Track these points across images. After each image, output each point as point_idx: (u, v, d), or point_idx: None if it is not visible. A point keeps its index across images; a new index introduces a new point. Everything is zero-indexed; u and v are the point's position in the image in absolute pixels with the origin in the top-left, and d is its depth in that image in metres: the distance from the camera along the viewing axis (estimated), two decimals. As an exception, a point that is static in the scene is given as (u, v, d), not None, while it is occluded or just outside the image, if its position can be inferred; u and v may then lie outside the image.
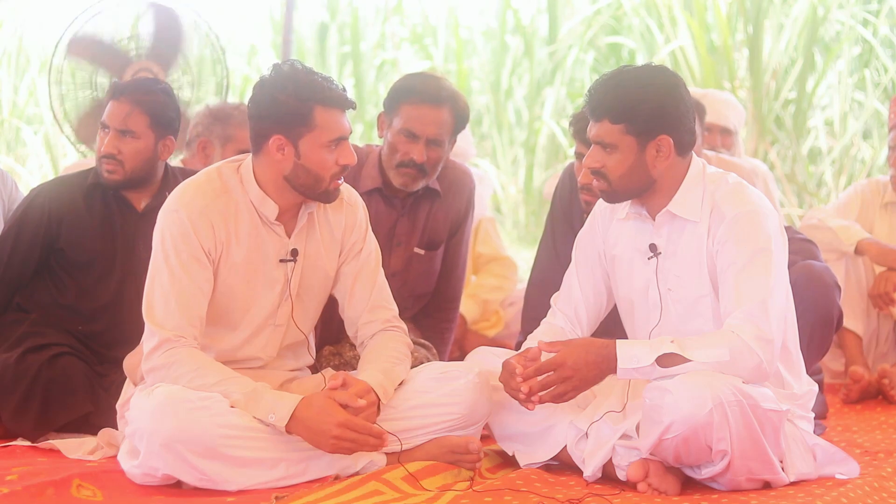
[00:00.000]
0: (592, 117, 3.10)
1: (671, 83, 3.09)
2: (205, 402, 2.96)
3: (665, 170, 3.09)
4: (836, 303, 3.80)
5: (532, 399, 3.01)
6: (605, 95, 3.07)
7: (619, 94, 3.05)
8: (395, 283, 3.85)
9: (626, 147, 3.07)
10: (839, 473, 3.16)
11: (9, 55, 9.57)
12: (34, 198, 3.81)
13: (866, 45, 8.73)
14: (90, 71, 5.10)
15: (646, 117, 3.04)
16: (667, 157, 3.08)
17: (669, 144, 3.07)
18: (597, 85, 3.10)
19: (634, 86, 3.05)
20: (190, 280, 3.10)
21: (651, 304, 3.17)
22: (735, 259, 3.02)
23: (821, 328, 3.70)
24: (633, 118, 3.04)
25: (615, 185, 3.11)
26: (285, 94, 3.07)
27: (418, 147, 3.78)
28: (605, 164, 3.09)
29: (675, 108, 3.07)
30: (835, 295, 3.80)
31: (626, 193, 3.13)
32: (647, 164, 3.08)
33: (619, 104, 3.05)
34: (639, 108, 3.03)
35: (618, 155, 3.07)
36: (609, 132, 3.07)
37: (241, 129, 4.43)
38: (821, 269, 3.80)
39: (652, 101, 3.04)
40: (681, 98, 3.08)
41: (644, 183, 3.10)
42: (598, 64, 9.61)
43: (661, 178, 3.11)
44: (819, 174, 8.59)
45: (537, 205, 9.33)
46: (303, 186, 3.13)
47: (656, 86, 3.06)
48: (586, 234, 3.34)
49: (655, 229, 3.16)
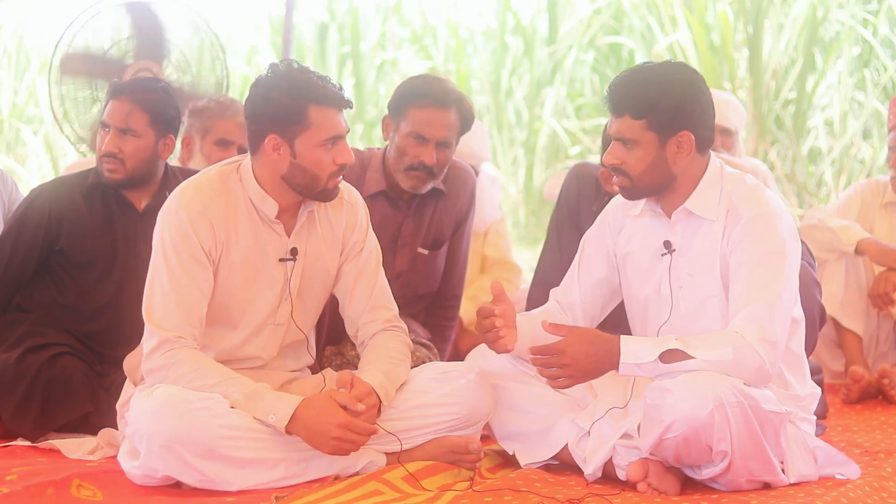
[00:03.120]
0: (613, 113, 3.09)
1: (692, 79, 3.08)
2: (205, 403, 2.96)
3: (685, 166, 3.09)
4: (816, 300, 3.79)
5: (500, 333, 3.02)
6: (627, 91, 3.06)
7: (641, 90, 3.04)
8: (400, 284, 3.86)
9: (647, 143, 3.06)
10: (839, 475, 3.15)
11: (9, 55, 9.57)
12: (34, 198, 3.81)
13: (866, 45, 8.73)
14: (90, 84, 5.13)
15: (667, 113, 3.03)
16: (687, 153, 3.07)
17: (690, 140, 3.06)
18: (618, 81, 3.09)
19: (656, 82, 3.05)
20: (190, 280, 3.10)
21: (662, 301, 3.17)
22: (747, 260, 3.02)
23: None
24: (655, 114, 3.03)
25: (636, 182, 3.10)
26: (279, 92, 3.07)
27: (428, 150, 3.78)
28: (625, 160, 3.08)
29: (697, 104, 3.07)
30: (814, 292, 3.79)
31: (647, 190, 3.12)
32: (667, 161, 3.07)
33: (640, 100, 3.04)
34: (660, 103, 3.03)
35: (639, 151, 3.07)
36: (630, 128, 3.06)
37: (219, 120, 4.47)
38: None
39: (673, 97, 3.03)
40: (702, 94, 3.08)
41: (664, 179, 3.10)
42: (597, 64, 9.61)
43: (681, 175, 3.10)
44: (819, 174, 8.59)
45: (537, 205, 9.33)
46: (300, 186, 3.13)
47: (678, 82, 3.06)
48: (595, 232, 3.33)
49: (671, 226, 3.15)
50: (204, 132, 4.50)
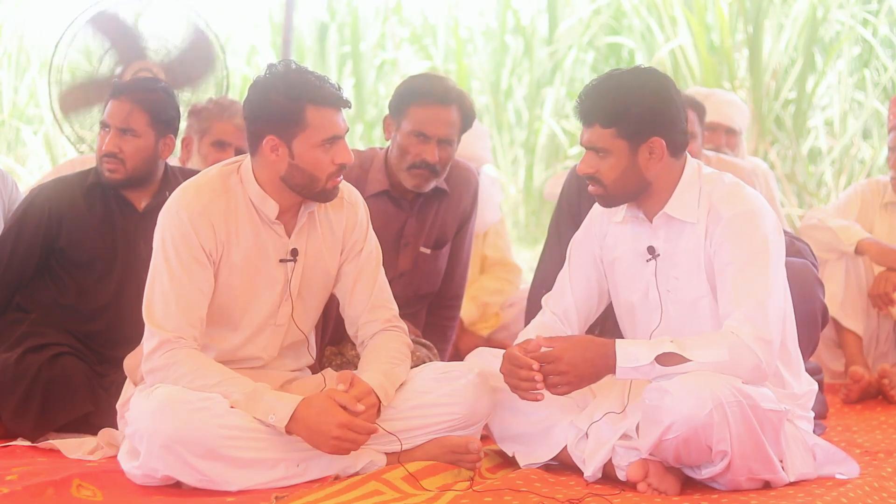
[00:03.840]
0: (584, 123, 3.11)
1: (660, 85, 3.09)
2: (205, 403, 2.96)
3: (659, 172, 3.10)
4: (819, 299, 3.79)
5: (537, 386, 3.00)
6: (595, 101, 3.08)
7: (609, 98, 3.06)
8: (402, 283, 3.86)
9: (618, 151, 3.07)
10: (839, 473, 3.16)
11: (9, 55, 9.57)
12: (34, 198, 3.81)
13: (866, 45, 8.73)
14: (104, 49, 5.07)
15: (636, 120, 3.04)
16: (660, 158, 3.08)
17: (662, 146, 3.07)
18: (586, 91, 3.11)
19: (623, 89, 3.06)
20: (190, 281, 3.10)
21: (651, 307, 3.17)
22: (732, 259, 3.02)
23: (806, 325, 3.68)
24: (623, 122, 3.04)
25: (610, 189, 3.11)
26: (277, 93, 3.06)
27: (430, 148, 3.79)
28: (598, 168, 3.09)
29: (666, 109, 3.07)
30: (817, 291, 3.79)
31: (622, 197, 3.13)
32: (640, 167, 3.08)
33: (608, 109, 3.05)
34: (628, 111, 3.04)
35: (611, 159, 3.08)
36: (601, 137, 3.07)
37: (217, 122, 4.47)
38: (800, 265, 3.77)
39: (641, 104, 3.04)
40: (670, 99, 3.08)
41: (639, 186, 3.11)
42: (597, 64, 9.61)
43: (656, 181, 3.11)
44: (819, 174, 8.59)
45: (537, 205, 9.33)
46: (299, 186, 3.13)
47: (645, 88, 3.06)
48: (582, 237, 3.34)
49: (653, 231, 3.16)
50: (202, 133, 4.50)
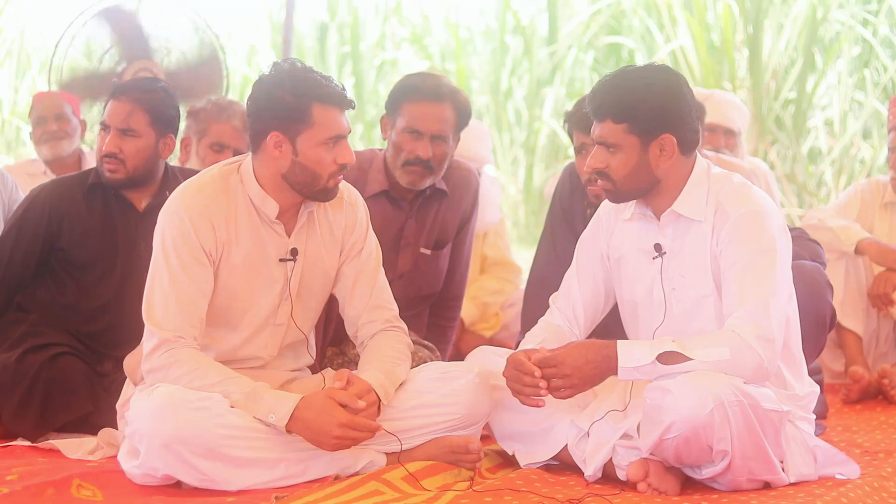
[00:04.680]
0: (595, 117, 3.11)
1: (673, 82, 3.09)
2: (205, 403, 2.96)
3: (669, 169, 3.10)
4: (828, 302, 3.79)
5: (541, 391, 3.01)
6: (608, 95, 3.08)
7: (621, 94, 3.06)
8: (402, 284, 3.86)
9: (629, 147, 3.07)
10: (839, 474, 3.15)
11: (10, 55, 9.57)
12: (34, 198, 3.81)
13: (866, 45, 8.74)
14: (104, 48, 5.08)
15: (648, 116, 3.04)
16: (670, 156, 3.08)
17: (672, 143, 3.07)
18: (599, 85, 3.11)
19: (636, 85, 3.06)
20: (190, 281, 3.09)
21: (655, 304, 3.17)
22: (738, 259, 3.02)
23: (814, 328, 3.69)
24: (636, 118, 3.04)
25: (619, 185, 3.11)
26: (283, 90, 3.07)
27: (423, 144, 3.78)
28: (608, 164, 3.09)
29: (678, 106, 3.07)
30: (826, 294, 3.79)
31: (631, 193, 3.14)
32: (650, 164, 3.08)
33: (621, 104, 3.05)
34: (641, 107, 3.04)
35: (621, 155, 3.08)
36: (612, 132, 3.07)
37: (215, 124, 4.49)
38: (811, 268, 3.78)
39: (654, 101, 3.04)
40: (683, 97, 3.08)
41: (648, 182, 3.11)
42: (597, 64, 9.62)
43: (666, 178, 3.11)
44: (819, 174, 8.60)
45: (537, 205, 9.34)
46: (300, 185, 3.13)
47: (658, 85, 3.07)
48: (590, 235, 3.34)
49: (660, 229, 3.16)
50: (200, 134, 4.50)
